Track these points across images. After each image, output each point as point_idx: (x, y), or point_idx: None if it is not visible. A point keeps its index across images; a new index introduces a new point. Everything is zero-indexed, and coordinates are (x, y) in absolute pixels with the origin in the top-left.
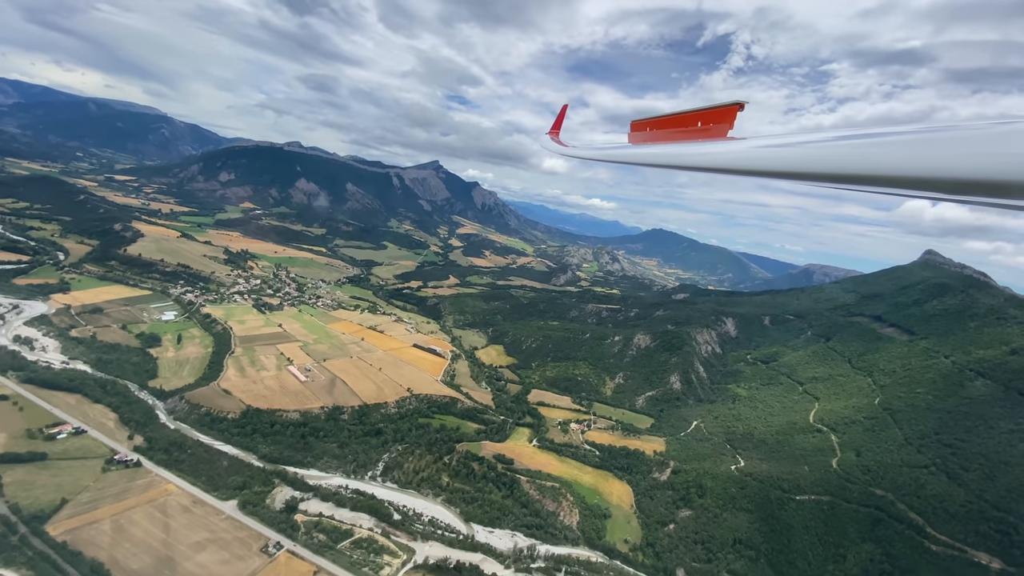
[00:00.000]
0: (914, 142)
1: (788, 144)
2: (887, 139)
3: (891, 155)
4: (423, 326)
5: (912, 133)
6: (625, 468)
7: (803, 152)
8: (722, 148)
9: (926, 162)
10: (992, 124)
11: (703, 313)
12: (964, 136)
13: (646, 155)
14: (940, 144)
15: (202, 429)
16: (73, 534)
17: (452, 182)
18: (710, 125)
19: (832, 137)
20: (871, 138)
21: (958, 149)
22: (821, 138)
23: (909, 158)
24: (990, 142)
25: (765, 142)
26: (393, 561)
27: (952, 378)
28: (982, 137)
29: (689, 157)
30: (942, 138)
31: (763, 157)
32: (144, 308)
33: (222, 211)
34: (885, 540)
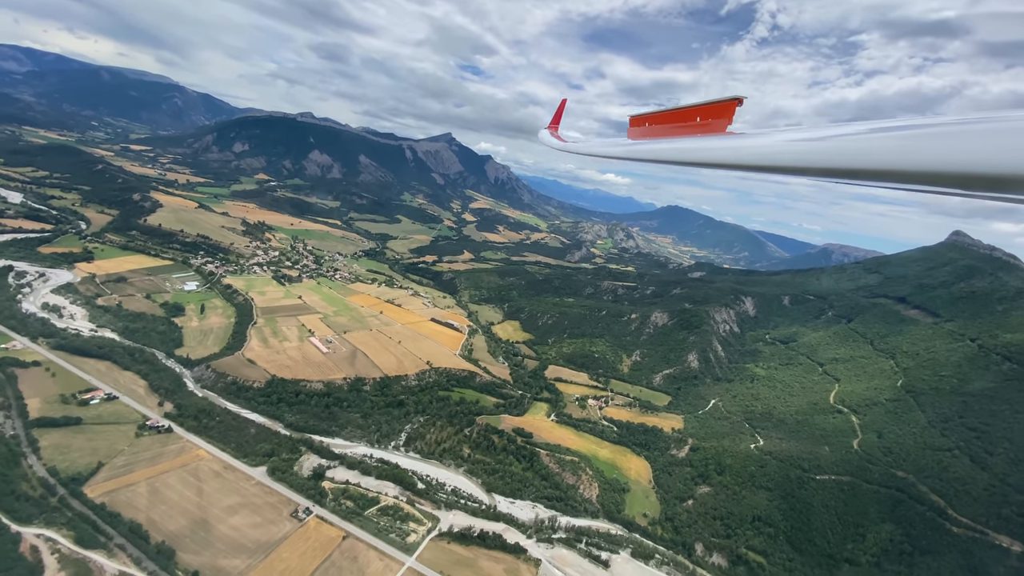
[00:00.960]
0: (913, 136)
1: (788, 140)
2: (888, 134)
3: (890, 149)
4: (439, 300)
5: (908, 128)
6: (643, 444)
7: (803, 147)
8: (721, 143)
9: (924, 156)
10: (984, 119)
11: (721, 292)
12: (957, 131)
13: (645, 151)
14: (938, 139)
15: (229, 397)
16: (111, 496)
17: (465, 155)
18: (709, 120)
19: (832, 134)
20: (873, 134)
21: (954, 144)
22: (820, 135)
23: (906, 152)
24: (984, 137)
25: (764, 138)
26: (419, 528)
27: (978, 361)
28: (973, 132)
29: (689, 152)
30: (939, 132)
31: (763, 152)
32: (166, 278)
33: (237, 182)
34: (905, 521)
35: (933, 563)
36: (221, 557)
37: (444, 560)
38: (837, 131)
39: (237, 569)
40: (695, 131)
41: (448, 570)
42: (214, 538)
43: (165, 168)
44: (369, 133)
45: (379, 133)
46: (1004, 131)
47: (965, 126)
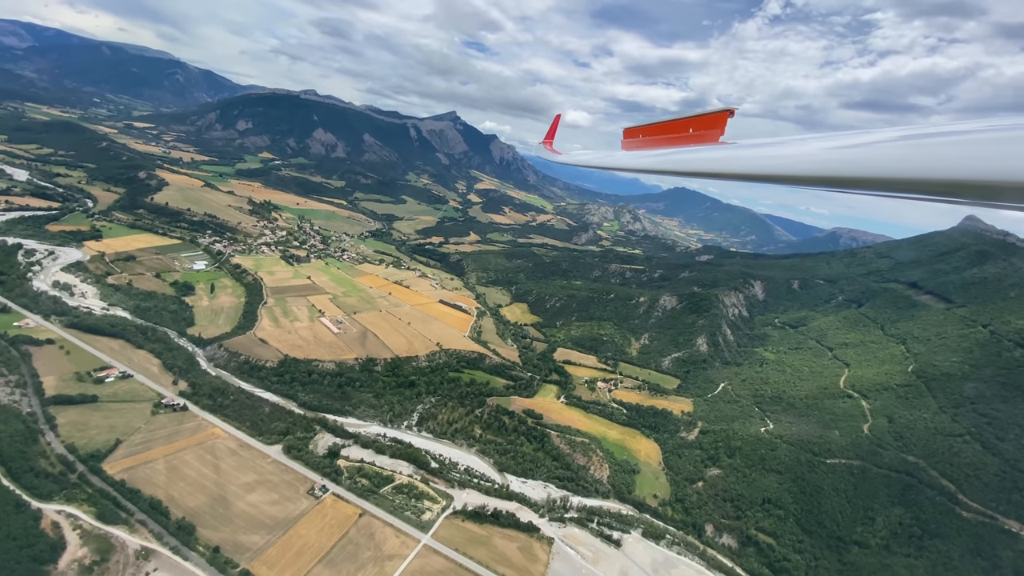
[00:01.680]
0: (905, 146)
1: (778, 150)
2: (879, 144)
3: (883, 158)
4: (447, 282)
5: (904, 140)
6: (652, 427)
7: (793, 157)
8: (715, 153)
9: (914, 165)
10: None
11: (730, 275)
12: (953, 140)
13: (640, 162)
14: (928, 148)
15: (242, 376)
16: (130, 473)
17: (470, 134)
18: (702, 131)
19: (824, 146)
20: (863, 147)
21: (949, 153)
22: (811, 146)
23: (898, 161)
24: (982, 147)
25: (757, 150)
26: (433, 507)
27: (990, 348)
28: (972, 141)
29: (682, 163)
30: (930, 142)
31: (754, 162)
32: (175, 257)
33: (242, 161)
34: (915, 505)
35: (942, 546)
36: (241, 533)
37: (459, 538)
38: (828, 143)
39: (257, 545)
40: (688, 142)
41: (463, 547)
42: (233, 514)
43: (169, 146)
44: (373, 111)
45: (383, 111)
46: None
47: (968, 135)
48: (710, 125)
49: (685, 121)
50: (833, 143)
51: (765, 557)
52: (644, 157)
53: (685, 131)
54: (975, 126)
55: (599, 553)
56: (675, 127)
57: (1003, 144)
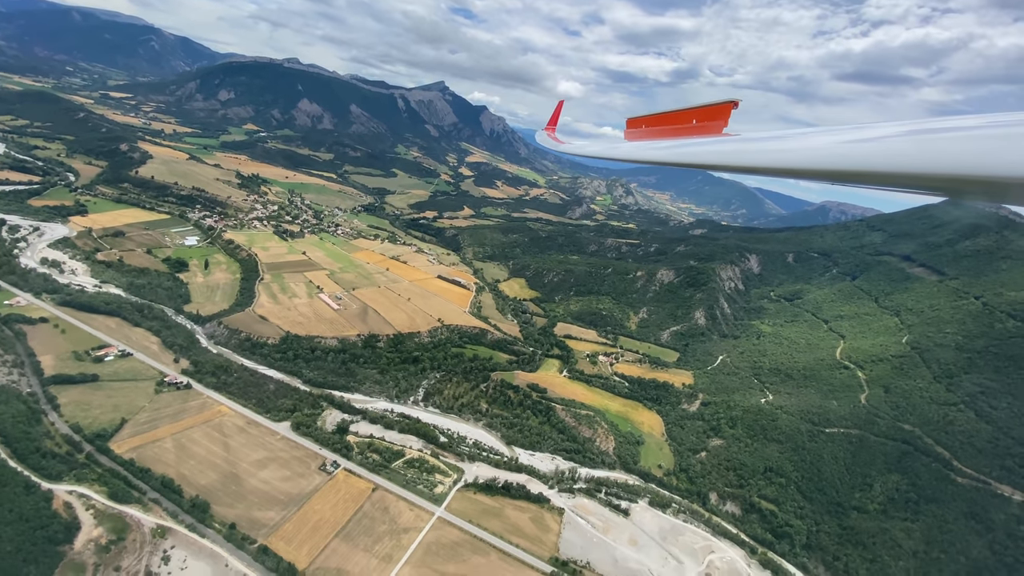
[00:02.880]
0: (912, 141)
1: (781, 143)
2: (886, 140)
3: (890, 154)
4: (444, 257)
5: (911, 135)
6: (655, 399)
7: (797, 150)
8: (720, 146)
9: (921, 160)
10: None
11: (726, 249)
12: (959, 136)
13: (643, 153)
14: (936, 144)
15: (244, 354)
16: (138, 452)
17: (459, 105)
18: (705, 122)
19: (832, 140)
20: (870, 143)
21: (956, 148)
22: (815, 140)
23: (906, 157)
24: (988, 143)
25: (760, 143)
26: (445, 480)
27: (982, 319)
28: (979, 137)
29: (686, 154)
30: (937, 138)
31: (758, 154)
32: (165, 232)
33: (226, 132)
34: (911, 471)
35: (938, 511)
36: (255, 509)
37: (472, 510)
38: (834, 137)
39: (272, 521)
40: (691, 133)
41: (477, 519)
42: (246, 491)
43: (149, 117)
44: (359, 81)
45: (369, 81)
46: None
47: (973, 131)
48: (713, 116)
49: (688, 112)
50: (839, 137)
51: (768, 523)
52: (648, 148)
53: (688, 122)
54: (980, 121)
55: (608, 522)
56: (678, 118)
57: (1010, 140)
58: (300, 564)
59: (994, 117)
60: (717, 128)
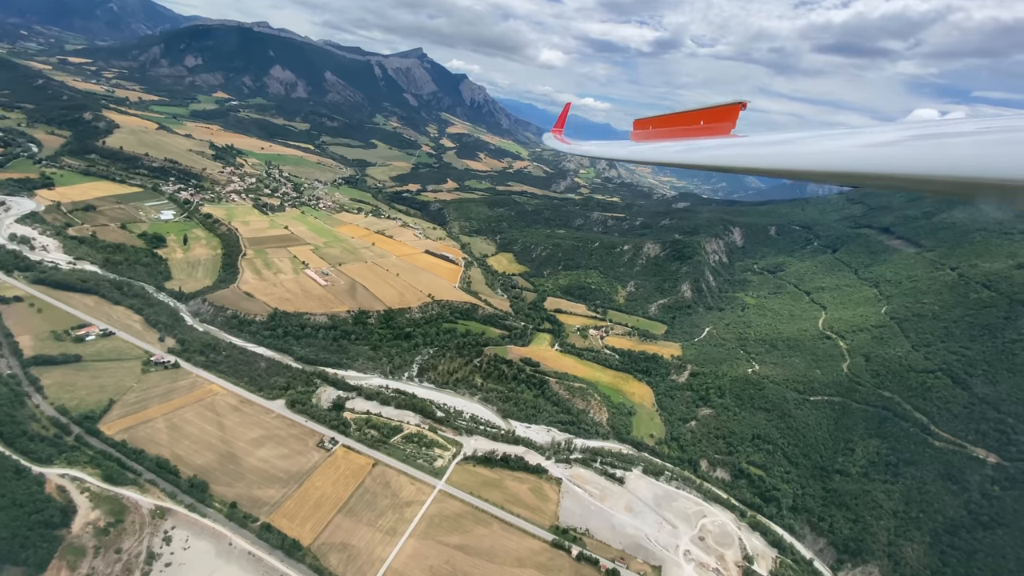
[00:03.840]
0: (923, 146)
1: (792, 143)
2: (897, 144)
3: (902, 157)
4: (430, 232)
5: (921, 139)
6: (644, 371)
7: (807, 152)
8: (729, 149)
9: (929, 163)
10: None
11: (710, 222)
12: (971, 140)
13: (650, 153)
14: (942, 147)
15: (231, 331)
16: (129, 433)
17: (438, 73)
18: (713, 124)
19: (836, 140)
20: (881, 147)
21: (965, 152)
22: (823, 138)
23: (907, 159)
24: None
25: (769, 145)
26: (444, 454)
27: (958, 290)
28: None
29: (694, 155)
30: (944, 142)
31: (768, 156)
32: (139, 206)
33: (195, 101)
34: (891, 436)
35: (916, 473)
36: (255, 488)
37: (472, 482)
38: (845, 141)
39: (273, 499)
40: (699, 134)
41: (477, 491)
42: (244, 470)
43: (111, 84)
44: (333, 47)
45: (343, 47)
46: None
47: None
48: (721, 118)
49: (696, 113)
50: (850, 140)
51: (756, 488)
52: (655, 149)
53: (696, 123)
54: (987, 125)
55: (605, 490)
56: (686, 119)
57: (1018, 144)
58: (305, 540)
59: (998, 121)
60: (725, 130)
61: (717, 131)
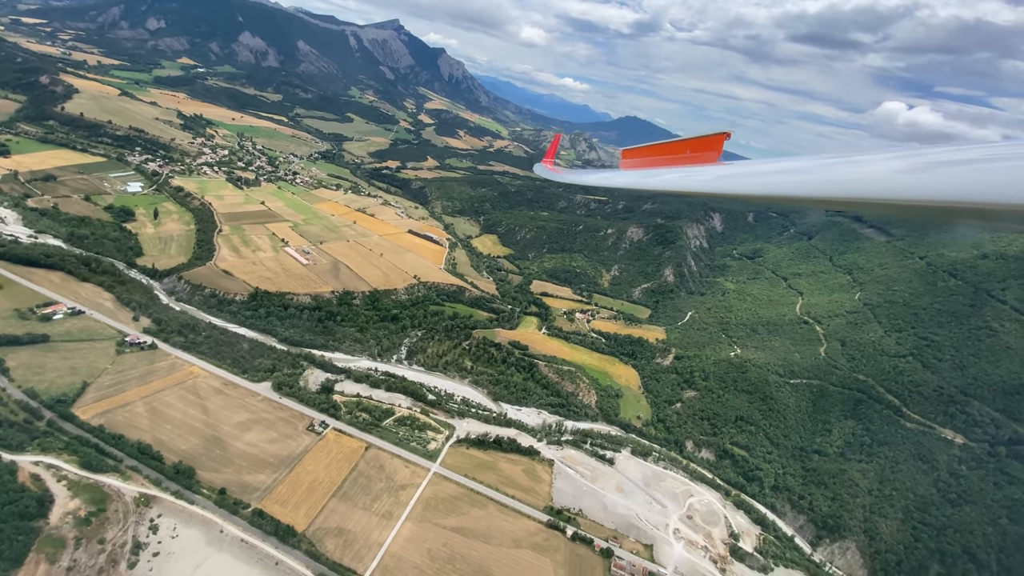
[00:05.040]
0: (902, 172)
1: (775, 171)
2: (872, 166)
3: (884, 182)
4: (412, 211)
5: (905, 164)
6: (630, 354)
7: (790, 179)
8: (712, 174)
9: (913, 190)
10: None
11: (691, 207)
12: (950, 167)
13: (640, 181)
14: (925, 173)
15: (211, 311)
16: (107, 417)
17: (415, 47)
18: (699, 152)
19: (819, 166)
20: (859, 173)
21: (948, 178)
22: (808, 165)
23: (898, 186)
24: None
25: (753, 173)
26: (437, 436)
27: (926, 277)
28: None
29: (682, 183)
30: (930, 167)
31: (752, 184)
32: (103, 177)
33: (159, 66)
34: (865, 417)
35: (889, 452)
36: (244, 473)
37: (466, 464)
38: (823, 166)
39: (264, 484)
40: (686, 163)
41: (472, 473)
42: (232, 455)
43: (68, 47)
44: (305, 14)
45: (316, 15)
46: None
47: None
48: (707, 147)
49: (683, 143)
50: (833, 167)
51: (740, 467)
52: (645, 177)
53: (683, 152)
54: (968, 155)
55: (596, 471)
56: (673, 148)
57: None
58: (299, 526)
59: (979, 149)
60: (710, 158)
61: (703, 159)
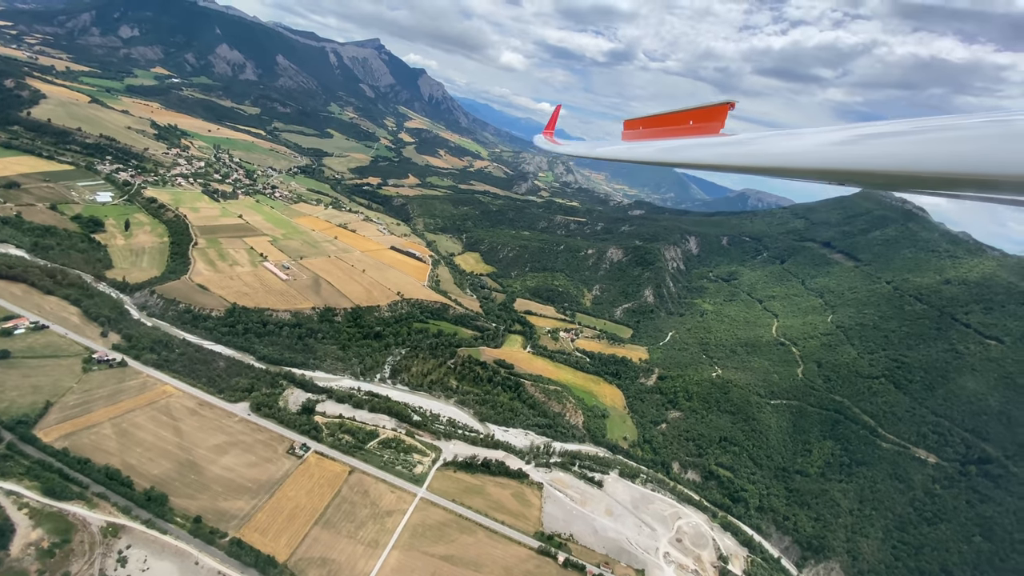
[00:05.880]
0: (913, 140)
1: (780, 143)
2: (882, 136)
3: (888, 151)
4: (394, 228)
5: (909, 133)
6: (615, 374)
7: (796, 150)
8: (719, 147)
9: (918, 158)
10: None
11: (667, 230)
12: (964, 135)
13: (640, 152)
14: (927, 142)
15: (185, 327)
16: (71, 440)
17: (396, 66)
18: (702, 123)
19: (827, 136)
20: (870, 139)
21: (946, 146)
22: (811, 139)
23: (908, 154)
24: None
25: (759, 142)
26: (423, 459)
27: (894, 301)
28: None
29: (684, 155)
30: (929, 137)
31: (757, 154)
32: (70, 186)
33: (131, 75)
34: (843, 438)
35: (868, 472)
36: (221, 499)
37: (454, 489)
38: (838, 135)
39: (242, 511)
40: (688, 134)
41: (460, 498)
42: (208, 480)
43: (35, 51)
44: (285, 29)
45: (296, 31)
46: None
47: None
48: (710, 118)
49: (685, 113)
50: (840, 136)
51: (725, 489)
52: (645, 149)
53: (685, 123)
54: (973, 120)
55: (585, 495)
56: (675, 119)
57: (1006, 138)
58: (280, 556)
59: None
60: (714, 129)
61: (706, 130)
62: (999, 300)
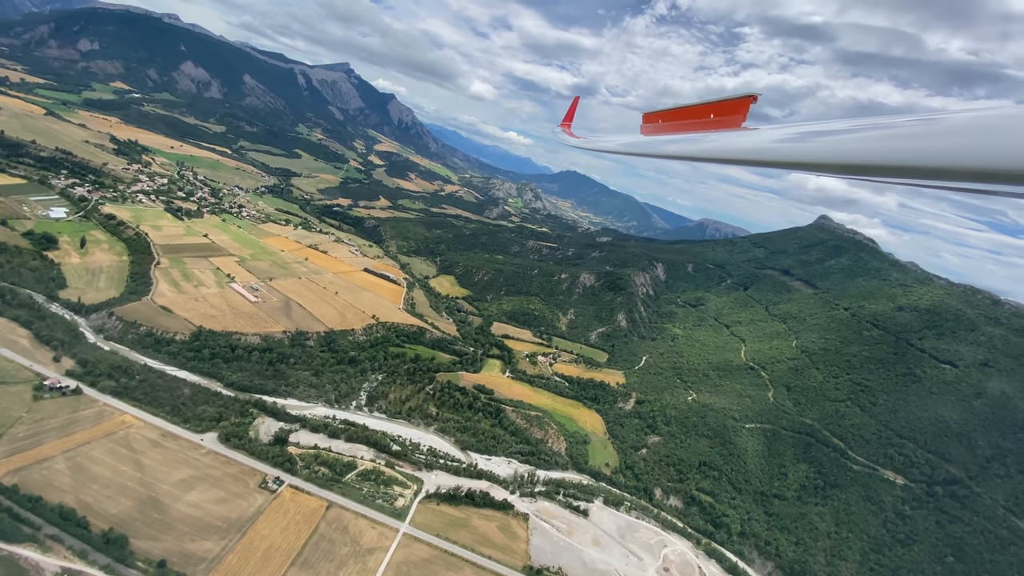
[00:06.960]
0: (928, 133)
1: (804, 135)
2: (900, 130)
3: (908, 146)
4: (367, 249)
5: (921, 123)
6: (593, 398)
7: (819, 144)
8: (738, 139)
9: (942, 152)
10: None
11: (636, 257)
12: (967, 125)
13: (660, 146)
14: (951, 135)
15: (146, 352)
16: (20, 476)
17: (365, 90)
18: (723, 117)
19: (847, 128)
20: (885, 129)
21: (964, 139)
22: (836, 128)
23: (926, 149)
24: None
25: (782, 133)
26: (404, 492)
27: (852, 327)
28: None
29: (704, 148)
30: (946, 128)
31: (780, 149)
32: (22, 200)
33: (89, 88)
34: (816, 461)
35: (841, 495)
36: (187, 540)
37: (438, 523)
38: (854, 126)
39: (211, 552)
40: (709, 127)
41: (444, 532)
42: (172, 519)
43: None
44: (252, 50)
45: (264, 51)
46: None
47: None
48: (732, 111)
49: (706, 107)
50: (862, 131)
51: (707, 514)
52: (665, 142)
53: (706, 116)
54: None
55: (571, 524)
56: (696, 112)
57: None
58: None
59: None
60: (735, 123)
61: (728, 124)
62: (949, 326)
